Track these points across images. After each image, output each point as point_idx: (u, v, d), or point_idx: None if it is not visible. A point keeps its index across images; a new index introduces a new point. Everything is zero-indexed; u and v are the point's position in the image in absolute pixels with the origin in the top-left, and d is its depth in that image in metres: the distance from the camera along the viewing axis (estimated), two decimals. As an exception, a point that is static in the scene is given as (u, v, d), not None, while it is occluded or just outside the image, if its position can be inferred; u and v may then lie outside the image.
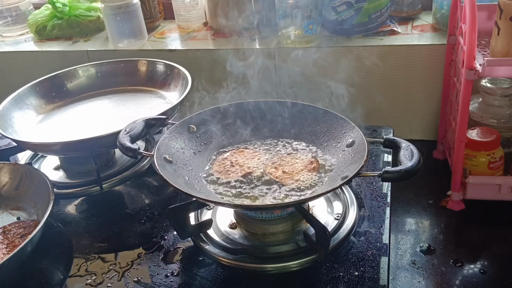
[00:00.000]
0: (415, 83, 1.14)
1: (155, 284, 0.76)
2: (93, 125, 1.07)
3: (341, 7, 1.13)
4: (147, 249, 0.83)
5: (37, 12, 1.43)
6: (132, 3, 1.26)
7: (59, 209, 0.96)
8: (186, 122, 0.90)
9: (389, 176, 0.71)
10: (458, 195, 0.98)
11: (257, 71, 1.12)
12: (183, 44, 1.28)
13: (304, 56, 1.15)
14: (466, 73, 0.88)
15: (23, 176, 0.95)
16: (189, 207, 0.80)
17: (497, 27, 0.87)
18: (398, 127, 1.15)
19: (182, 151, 0.87)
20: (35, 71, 1.27)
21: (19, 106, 1.10)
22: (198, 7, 1.34)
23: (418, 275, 0.85)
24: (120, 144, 0.83)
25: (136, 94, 1.18)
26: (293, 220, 0.81)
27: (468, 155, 0.96)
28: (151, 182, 1.01)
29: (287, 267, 0.76)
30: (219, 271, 0.77)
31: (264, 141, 0.93)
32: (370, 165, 0.98)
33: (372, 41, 1.14)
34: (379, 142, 0.81)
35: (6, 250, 0.83)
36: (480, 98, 1.06)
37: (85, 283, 0.77)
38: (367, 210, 0.86)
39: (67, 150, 0.98)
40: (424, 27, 1.19)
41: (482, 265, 0.86)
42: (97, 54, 1.30)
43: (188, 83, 1.05)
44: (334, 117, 0.88)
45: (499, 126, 1.02)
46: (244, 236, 0.81)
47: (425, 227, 0.96)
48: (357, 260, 0.76)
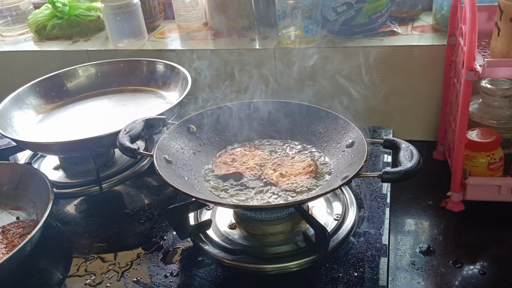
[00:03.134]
0: (415, 84, 1.14)
1: (154, 284, 0.76)
2: (93, 125, 1.07)
3: (341, 8, 1.13)
4: (146, 249, 0.83)
5: (37, 11, 1.43)
6: (132, 3, 1.26)
7: (58, 209, 0.96)
8: (186, 122, 0.90)
9: (388, 177, 0.71)
10: (458, 196, 0.98)
11: (257, 71, 1.12)
12: (183, 44, 1.28)
13: (304, 56, 1.15)
14: (466, 74, 0.87)
15: (22, 175, 0.95)
16: (188, 208, 0.80)
17: (497, 28, 0.87)
18: (398, 127, 1.15)
19: (182, 151, 0.87)
20: (35, 71, 1.27)
21: (19, 105, 1.10)
22: (198, 7, 1.34)
23: (418, 276, 0.85)
24: (120, 144, 0.83)
25: (136, 94, 1.18)
26: (292, 221, 0.81)
27: (468, 156, 0.96)
28: (150, 182, 1.01)
29: (287, 267, 0.76)
30: (219, 271, 0.77)
31: (263, 141, 0.93)
32: (370, 165, 0.98)
33: (372, 41, 1.14)
34: (379, 143, 0.81)
35: (5, 250, 0.83)
36: (480, 99, 1.06)
37: (84, 283, 0.77)
38: (366, 210, 0.86)
39: (67, 150, 0.98)
40: (424, 27, 1.19)
41: (482, 266, 0.86)
42: (97, 54, 1.30)
43: (188, 83, 1.05)
44: (334, 118, 0.88)
45: (499, 127, 1.02)
46: (244, 237, 0.81)
47: (424, 228, 0.96)
48: (357, 261, 0.76)
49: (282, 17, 1.16)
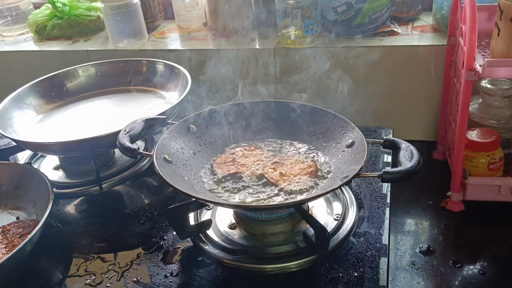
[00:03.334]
0: (415, 84, 1.14)
1: (154, 284, 0.76)
2: (92, 125, 1.07)
3: (341, 8, 1.13)
4: (146, 249, 0.83)
5: (37, 11, 1.43)
6: (132, 3, 1.26)
7: (58, 209, 0.95)
8: (186, 122, 0.90)
9: (388, 177, 0.71)
10: (458, 196, 0.98)
11: (257, 71, 1.12)
12: (183, 44, 1.28)
13: (304, 56, 1.15)
14: (466, 74, 0.87)
15: (22, 175, 0.95)
16: (188, 208, 0.80)
17: (497, 28, 0.87)
18: (398, 127, 1.15)
19: (181, 151, 0.87)
20: (35, 71, 1.27)
21: (19, 105, 1.10)
22: (198, 7, 1.34)
23: (418, 276, 0.85)
24: (120, 144, 0.83)
25: (136, 94, 1.18)
26: (292, 221, 0.81)
27: (468, 156, 0.96)
28: (150, 182, 1.01)
29: (287, 267, 0.76)
30: (219, 271, 0.77)
31: (262, 141, 0.93)
32: (370, 165, 0.98)
33: (372, 41, 1.14)
34: (379, 143, 0.81)
35: (5, 250, 0.83)
36: (480, 99, 1.06)
37: (84, 283, 0.77)
38: (366, 210, 0.86)
39: (67, 150, 0.98)
40: (424, 27, 1.19)
41: (482, 266, 0.86)
42: (97, 54, 1.30)
43: (188, 83, 1.05)
44: (334, 118, 0.88)
45: (499, 127, 1.02)
46: (244, 237, 0.81)
47: (424, 228, 0.96)
48: (357, 261, 0.76)
49: (282, 17, 1.16)
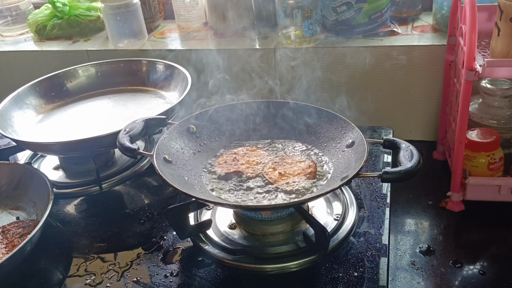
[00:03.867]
0: (415, 84, 1.14)
1: (154, 284, 0.76)
2: (92, 125, 1.07)
3: (341, 8, 1.13)
4: (146, 249, 0.83)
5: (37, 11, 1.43)
6: (132, 3, 1.26)
7: (58, 209, 0.95)
8: (186, 122, 0.90)
9: (388, 177, 0.71)
10: (458, 196, 0.98)
11: (257, 71, 1.12)
12: (183, 44, 1.28)
13: (304, 56, 1.15)
14: (466, 74, 0.87)
15: (22, 175, 0.95)
16: (188, 207, 0.80)
17: (497, 28, 0.87)
18: (398, 127, 1.15)
19: (181, 151, 0.87)
20: (35, 71, 1.27)
21: (19, 105, 1.10)
22: (198, 7, 1.34)
23: (418, 276, 0.85)
24: (120, 144, 0.83)
25: (136, 94, 1.18)
26: (292, 221, 0.81)
27: (468, 156, 0.96)
28: (150, 182, 1.01)
29: (287, 267, 0.76)
30: (219, 271, 0.77)
31: (262, 141, 0.93)
32: (370, 165, 0.98)
33: (372, 41, 1.14)
34: (379, 143, 0.81)
35: (5, 250, 0.83)
36: (480, 99, 1.06)
37: (84, 283, 0.77)
38: (366, 210, 0.86)
39: (67, 150, 0.98)
40: (424, 27, 1.19)
41: (482, 266, 0.86)
42: (97, 54, 1.30)
43: (188, 83, 1.05)
44: (334, 118, 0.88)
45: (499, 127, 1.02)
46: (244, 237, 0.81)
47: (424, 228, 0.96)
48: (357, 261, 0.76)
49: (282, 17, 1.16)
